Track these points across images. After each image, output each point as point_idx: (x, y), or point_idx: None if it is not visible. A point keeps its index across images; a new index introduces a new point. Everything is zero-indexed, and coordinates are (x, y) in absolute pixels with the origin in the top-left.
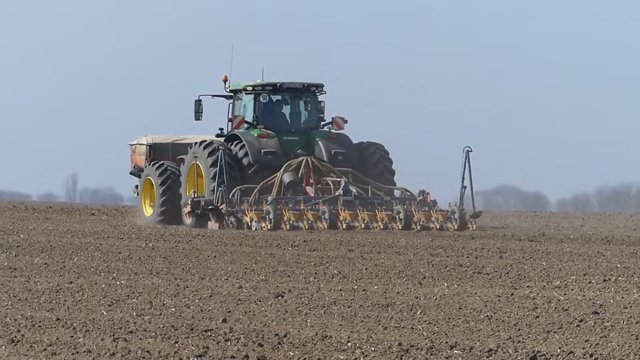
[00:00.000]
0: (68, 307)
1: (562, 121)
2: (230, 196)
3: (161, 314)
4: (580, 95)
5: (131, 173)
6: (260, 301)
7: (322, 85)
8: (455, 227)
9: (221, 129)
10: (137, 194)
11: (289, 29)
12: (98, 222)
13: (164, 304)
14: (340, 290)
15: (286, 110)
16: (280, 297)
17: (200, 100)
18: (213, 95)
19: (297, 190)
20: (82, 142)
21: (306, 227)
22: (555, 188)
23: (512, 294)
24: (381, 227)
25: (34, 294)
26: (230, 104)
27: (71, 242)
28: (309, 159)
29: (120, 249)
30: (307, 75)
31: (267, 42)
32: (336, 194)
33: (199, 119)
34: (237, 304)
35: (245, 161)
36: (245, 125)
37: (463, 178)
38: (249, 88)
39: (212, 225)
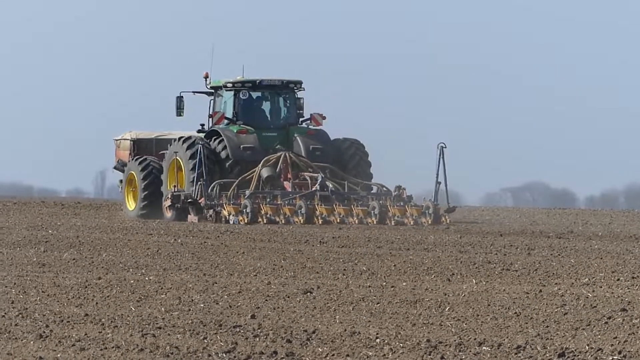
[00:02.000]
0: (97, 303)
1: (590, 118)
2: (209, 190)
3: (190, 310)
4: (609, 93)
5: (115, 168)
6: (288, 297)
7: (300, 82)
8: (430, 222)
9: (202, 125)
10: (121, 188)
11: (270, 27)
12: (126, 217)
13: (192, 300)
14: (369, 286)
15: (265, 106)
16: (308, 294)
17: (182, 96)
18: (194, 92)
19: (275, 185)
20: (110, 139)
21: (283, 222)
22: (583, 185)
23: (540, 291)
24: (356, 222)
25: (63, 289)
26: (211, 101)
27: (100, 238)
28: (287, 154)
29: (149, 245)
30: (287, 73)
31: (248, 40)
32: (313, 189)
33: (180, 115)
34: (266, 300)
35: (224, 156)
36: (225, 122)
37: (437, 174)
38: (229, 85)
39: (192, 218)
